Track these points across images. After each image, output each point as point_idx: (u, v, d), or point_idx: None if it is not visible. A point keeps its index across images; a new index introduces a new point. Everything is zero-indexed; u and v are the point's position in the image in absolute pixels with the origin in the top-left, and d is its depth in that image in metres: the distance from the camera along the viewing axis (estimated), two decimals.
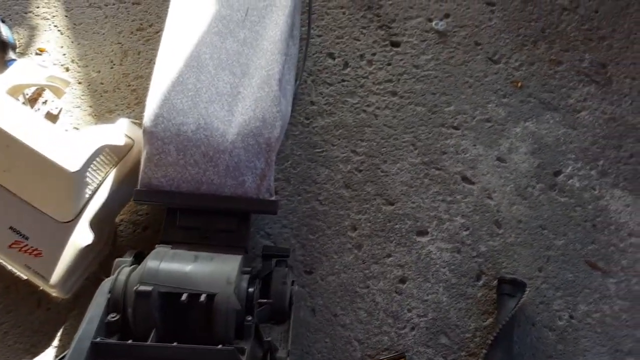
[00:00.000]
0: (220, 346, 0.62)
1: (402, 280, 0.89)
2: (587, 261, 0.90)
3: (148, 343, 0.62)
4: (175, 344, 0.62)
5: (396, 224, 0.92)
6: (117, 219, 0.88)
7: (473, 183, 0.94)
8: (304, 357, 0.84)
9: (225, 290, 0.65)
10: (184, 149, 0.73)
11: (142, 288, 0.64)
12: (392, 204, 0.93)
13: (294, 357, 0.79)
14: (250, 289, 0.69)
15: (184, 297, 0.63)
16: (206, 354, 0.61)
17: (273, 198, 0.77)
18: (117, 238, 0.88)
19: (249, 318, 0.67)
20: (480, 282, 0.89)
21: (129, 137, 0.83)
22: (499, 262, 0.90)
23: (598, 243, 0.91)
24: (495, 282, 0.88)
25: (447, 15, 1.04)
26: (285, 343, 0.72)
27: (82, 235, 0.76)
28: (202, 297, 0.63)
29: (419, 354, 0.85)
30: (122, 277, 0.68)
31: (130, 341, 0.62)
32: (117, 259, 0.73)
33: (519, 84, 1.00)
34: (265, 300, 0.72)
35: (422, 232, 0.91)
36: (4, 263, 0.82)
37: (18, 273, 0.80)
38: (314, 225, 0.91)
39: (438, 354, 0.85)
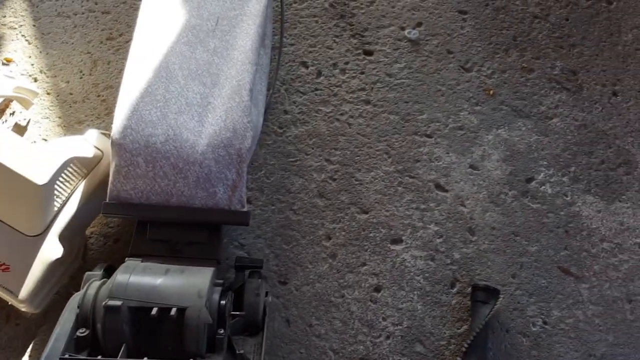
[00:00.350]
0: None
1: (377, 289, 0.90)
2: (560, 267, 0.92)
3: (118, 359, 0.62)
4: (145, 359, 0.62)
5: (370, 233, 0.93)
6: (87, 232, 0.88)
7: (446, 191, 0.96)
8: None
9: (196, 303, 0.65)
10: (153, 160, 0.74)
11: (111, 303, 0.64)
12: (367, 213, 0.94)
13: None
14: (222, 302, 0.70)
15: (154, 311, 0.64)
16: None
17: (245, 209, 0.78)
18: (87, 251, 0.88)
19: (221, 331, 0.68)
20: (455, 290, 0.91)
21: (98, 149, 0.83)
22: (473, 269, 0.92)
23: (570, 249, 0.94)
24: (469, 289, 0.89)
25: (419, 24, 1.06)
26: (258, 355, 0.72)
27: (51, 249, 0.76)
28: (173, 311, 0.64)
29: None
30: (92, 291, 0.68)
31: (99, 357, 0.63)
32: (86, 273, 0.74)
33: (491, 92, 1.03)
34: (237, 313, 0.73)
35: (397, 240, 0.93)
36: None
37: None
38: (288, 235, 0.92)
39: None
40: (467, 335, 0.87)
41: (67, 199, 0.79)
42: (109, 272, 0.74)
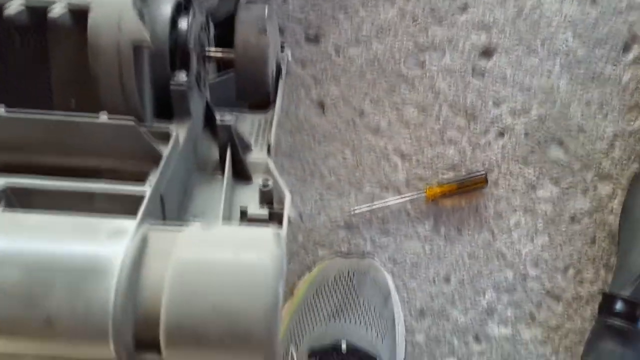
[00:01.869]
0: (105, 117, 0.37)
1: (487, 53, 0.64)
2: None
3: None
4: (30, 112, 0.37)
5: None
6: None
7: None
8: (307, 180, 0.64)
9: (112, 4, 0.38)
10: None
11: None
12: None
13: (295, 178, 0.63)
14: (183, 23, 0.44)
15: (11, 9, 0.36)
16: (86, 127, 0.38)
17: None
18: None
19: (183, 77, 0.43)
20: (630, 56, 0.63)
21: None
22: None
23: None
24: None
25: None
26: (262, 138, 0.48)
27: None
28: (57, 10, 0.36)
29: (510, 175, 0.63)
30: None
31: None
32: None
33: None
34: (221, 52, 0.49)
35: None
36: None
37: None
38: None
39: (544, 175, 0.63)
40: None
41: None
42: None
